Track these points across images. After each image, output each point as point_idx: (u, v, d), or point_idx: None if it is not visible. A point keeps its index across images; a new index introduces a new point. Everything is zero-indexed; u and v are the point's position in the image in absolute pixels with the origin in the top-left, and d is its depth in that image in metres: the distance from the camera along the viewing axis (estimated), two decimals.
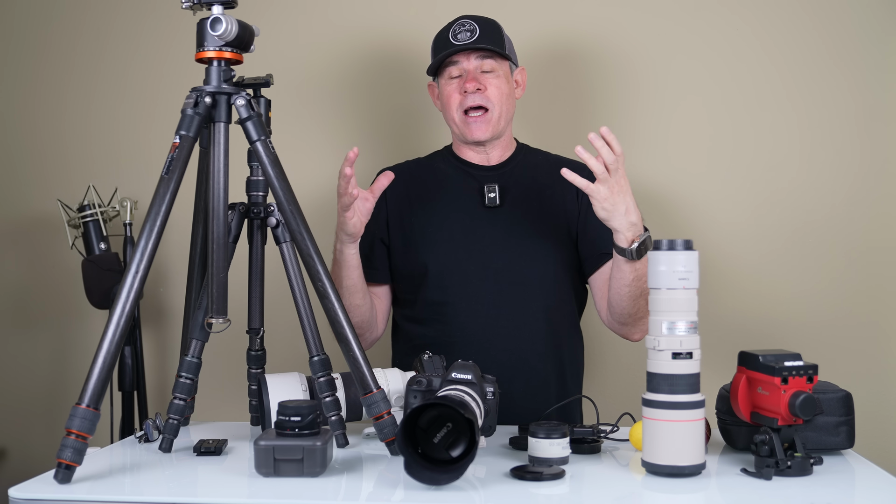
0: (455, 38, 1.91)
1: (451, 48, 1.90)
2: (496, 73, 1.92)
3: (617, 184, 1.68)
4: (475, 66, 1.91)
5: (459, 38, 1.90)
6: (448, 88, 1.94)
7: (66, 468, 1.34)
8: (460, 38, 1.90)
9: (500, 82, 1.92)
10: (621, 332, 1.92)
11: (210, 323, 1.54)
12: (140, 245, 1.45)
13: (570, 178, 1.69)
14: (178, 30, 1.99)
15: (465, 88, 1.90)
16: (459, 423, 1.32)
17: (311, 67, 2.51)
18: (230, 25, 1.51)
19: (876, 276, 2.39)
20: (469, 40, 1.89)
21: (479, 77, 1.90)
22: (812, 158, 2.41)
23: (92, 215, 2.30)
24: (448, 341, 1.85)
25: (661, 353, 1.36)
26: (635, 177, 2.39)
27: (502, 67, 1.93)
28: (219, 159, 1.53)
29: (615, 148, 1.66)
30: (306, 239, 1.55)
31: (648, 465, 1.37)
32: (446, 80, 1.94)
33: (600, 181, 1.67)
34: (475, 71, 1.91)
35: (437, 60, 1.93)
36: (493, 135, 1.93)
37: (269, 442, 1.35)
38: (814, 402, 1.36)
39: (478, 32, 1.90)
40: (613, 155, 1.66)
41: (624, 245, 1.72)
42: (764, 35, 2.42)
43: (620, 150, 1.66)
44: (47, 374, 2.56)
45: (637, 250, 1.71)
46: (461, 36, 1.90)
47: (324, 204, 2.43)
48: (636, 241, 1.71)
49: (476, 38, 1.89)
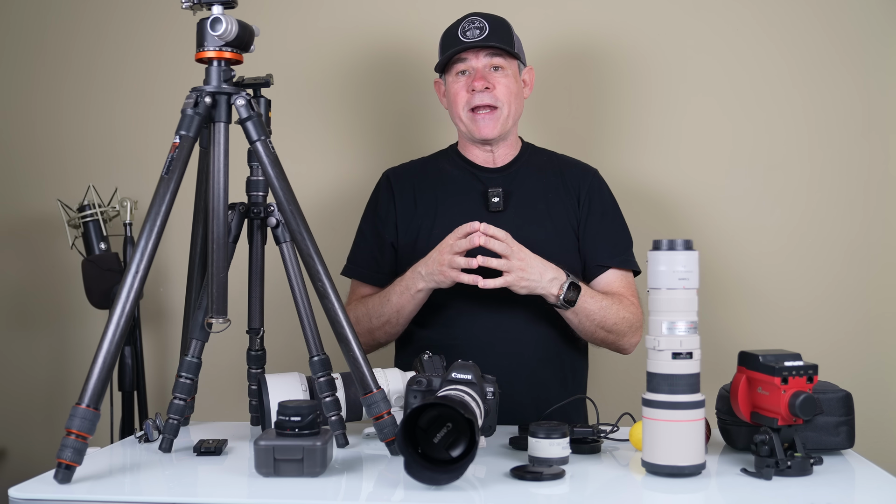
0: (464, 36, 1.89)
1: (460, 45, 1.89)
2: (505, 71, 1.91)
3: (521, 261, 1.74)
4: (484, 64, 1.90)
5: (469, 35, 1.89)
6: (455, 86, 1.92)
7: (66, 468, 1.34)
8: (469, 35, 1.89)
9: (509, 81, 1.91)
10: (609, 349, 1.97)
11: (210, 323, 1.54)
12: (140, 245, 1.45)
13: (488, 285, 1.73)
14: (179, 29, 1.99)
15: (473, 87, 1.89)
16: (459, 423, 1.32)
17: (312, 67, 2.51)
18: (230, 25, 1.51)
19: (876, 276, 2.39)
20: (478, 38, 1.88)
21: (488, 75, 1.90)
22: (812, 159, 2.41)
23: (92, 215, 2.30)
24: (451, 344, 1.84)
25: (661, 353, 1.36)
26: (637, 176, 2.42)
27: (511, 66, 1.93)
28: (219, 159, 1.53)
29: (498, 236, 1.72)
30: (306, 239, 1.55)
31: (648, 465, 1.37)
32: (454, 78, 1.93)
33: (507, 271, 1.73)
34: (484, 69, 1.90)
35: (446, 58, 1.92)
36: (500, 133, 1.93)
37: (269, 442, 1.35)
38: (814, 402, 1.36)
39: (487, 30, 1.89)
40: (502, 243, 1.72)
41: (553, 301, 1.79)
42: (764, 37, 2.43)
43: (503, 234, 1.73)
44: (47, 374, 2.56)
45: (566, 299, 1.78)
46: (470, 33, 1.89)
47: (324, 204, 2.43)
48: (560, 293, 1.77)
49: (486, 36, 1.88)
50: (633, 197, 2.30)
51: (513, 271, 1.73)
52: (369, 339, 1.91)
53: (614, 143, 2.45)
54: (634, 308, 1.91)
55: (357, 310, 1.92)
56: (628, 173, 2.39)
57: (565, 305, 1.79)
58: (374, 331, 1.90)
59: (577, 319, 1.83)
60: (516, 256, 1.74)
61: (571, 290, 1.77)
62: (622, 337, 1.89)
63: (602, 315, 1.84)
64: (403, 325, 1.90)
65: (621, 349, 1.93)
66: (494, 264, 1.72)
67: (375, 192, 2.04)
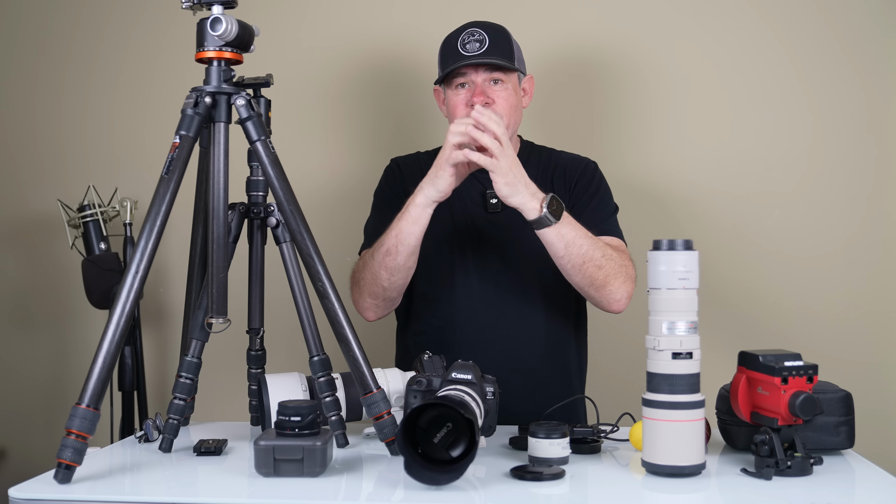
0: (464, 49, 1.87)
1: (460, 60, 1.86)
2: (504, 84, 1.89)
3: (510, 157, 1.67)
4: (483, 78, 1.87)
5: (468, 48, 1.86)
6: (455, 99, 1.90)
7: (66, 468, 1.34)
8: (469, 48, 1.86)
9: (509, 94, 1.89)
10: (599, 306, 1.88)
11: (210, 323, 1.54)
12: (140, 245, 1.45)
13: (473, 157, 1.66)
14: (179, 29, 1.99)
15: (472, 102, 1.86)
16: (459, 423, 1.32)
17: (311, 67, 2.51)
18: (230, 25, 1.51)
19: (876, 276, 2.39)
20: (478, 51, 1.85)
21: (488, 90, 1.87)
22: (812, 159, 2.42)
23: (92, 215, 2.30)
24: (449, 340, 1.85)
25: (661, 353, 1.36)
26: (637, 175, 2.42)
27: (510, 79, 1.90)
28: (219, 159, 1.53)
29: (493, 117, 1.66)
30: (306, 239, 1.55)
31: (648, 465, 1.37)
32: (454, 90, 1.90)
33: (497, 155, 1.66)
34: (483, 83, 1.87)
35: (446, 73, 1.89)
36: None
37: (269, 442, 1.35)
38: (814, 402, 1.36)
39: (487, 43, 1.86)
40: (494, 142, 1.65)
41: (536, 214, 1.69)
42: (764, 37, 2.43)
43: (499, 121, 1.67)
44: (47, 374, 2.56)
45: (550, 211, 1.69)
46: (470, 46, 1.86)
47: (324, 204, 2.43)
48: (543, 203, 1.69)
49: (485, 50, 1.85)
50: (634, 197, 2.31)
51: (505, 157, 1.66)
52: (373, 284, 1.84)
53: (614, 143, 2.45)
54: (625, 256, 1.85)
55: (364, 256, 1.87)
56: (628, 173, 2.39)
57: (548, 218, 1.69)
58: (377, 269, 1.81)
59: (564, 244, 1.73)
60: (508, 148, 1.68)
61: (554, 203, 1.70)
62: (613, 278, 1.79)
63: (589, 245, 1.75)
64: (404, 259, 1.79)
65: (612, 299, 1.82)
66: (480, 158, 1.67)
67: (386, 175, 2.03)
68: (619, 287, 1.81)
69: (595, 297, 1.84)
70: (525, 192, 1.69)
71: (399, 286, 1.85)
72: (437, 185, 1.72)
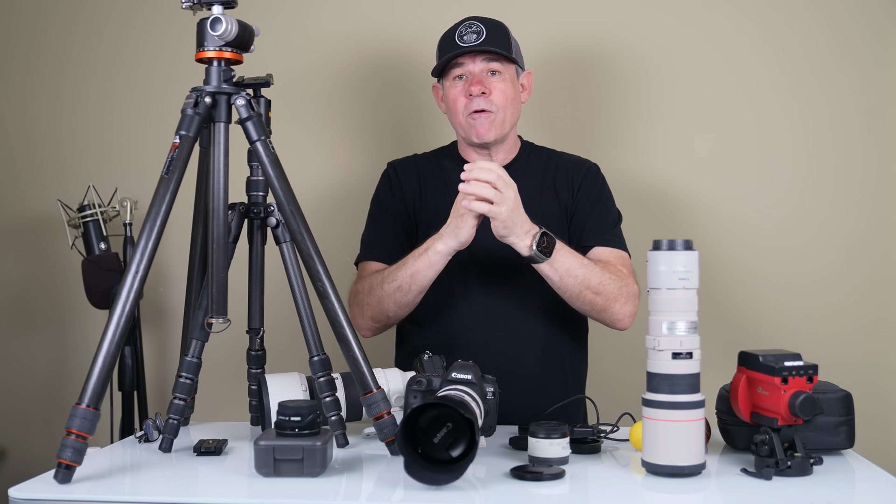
0: (461, 40, 1.88)
1: (457, 50, 1.88)
2: (502, 76, 1.90)
3: (511, 200, 1.67)
4: (481, 68, 1.89)
5: (465, 39, 1.88)
6: (453, 91, 1.92)
7: (66, 468, 1.34)
8: (466, 39, 1.88)
9: (506, 86, 1.90)
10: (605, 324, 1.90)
11: (210, 323, 1.54)
12: (140, 245, 1.45)
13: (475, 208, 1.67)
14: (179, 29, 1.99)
15: (470, 91, 1.88)
16: (459, 423, 1.32)
17: (311, 67, 2.51)
18: (230, 25, 1.51)
19: (876, 276, 2.39)
20: (475, 42, 1.87)
21: (485, 80, 1.89)
22: (812, 159, 2.41)
23: (92, 215, 2.30)
24: (449, 343, 1.85)
25: (661, 353, 1.36)
26: (637, 175, 2.42)
27: (508, 71, 1.92)
28: (219, 159, 1.53)
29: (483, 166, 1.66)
30: (306, 239, 1.55)
31: (648, 465, 1.37)
32: (451, 82, 1.92)
33: (497, 202, 1.66)
34: (481, 73, 1.89)
35: (443, 62, 1.91)
36: (497, 136, 1.92)
37: (269, 442, 1.35)
38: (814, 402, 1.36)
39: (484, 34, 1.88)
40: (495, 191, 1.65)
41: (527, 252, 1.72)
42: (764, 37, 2.43)
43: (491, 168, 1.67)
44: (47, 374, 2.56)
45: (540, 249, 1.71)
46: (467, 38, 1.88)
47: (324, 204, 2.43)
48: (533, 242, 1.71)
49: (482, 41, 1.87)
50: (634, 197, 2.31)
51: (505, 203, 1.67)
52: (378, 311, 1.86)
53: (615, 143, 2.45)
54: (625, 276, 1.86)
55: (371, 279, 1.87)
56: (629, 173, 2.39)
57: (539, 256, 1.72)
58: (384, 299, 1.83)
59: (559, 277, 1.76)
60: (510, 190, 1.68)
61: (544, 240, 1.71)
62: (613, 301, 1.82)
63: (585, 274, 1.77)
64: (415, 297, 1.82)
65: (615, 319, 1.85)
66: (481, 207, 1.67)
67: (383, 181, 2.03)
68: (620, 308, 1.84)
69: (598, 319, 1.88)
70: (519, 232, 1.70)
71: (403, 315, 1.88)
72: (460, 237, 1.73)
